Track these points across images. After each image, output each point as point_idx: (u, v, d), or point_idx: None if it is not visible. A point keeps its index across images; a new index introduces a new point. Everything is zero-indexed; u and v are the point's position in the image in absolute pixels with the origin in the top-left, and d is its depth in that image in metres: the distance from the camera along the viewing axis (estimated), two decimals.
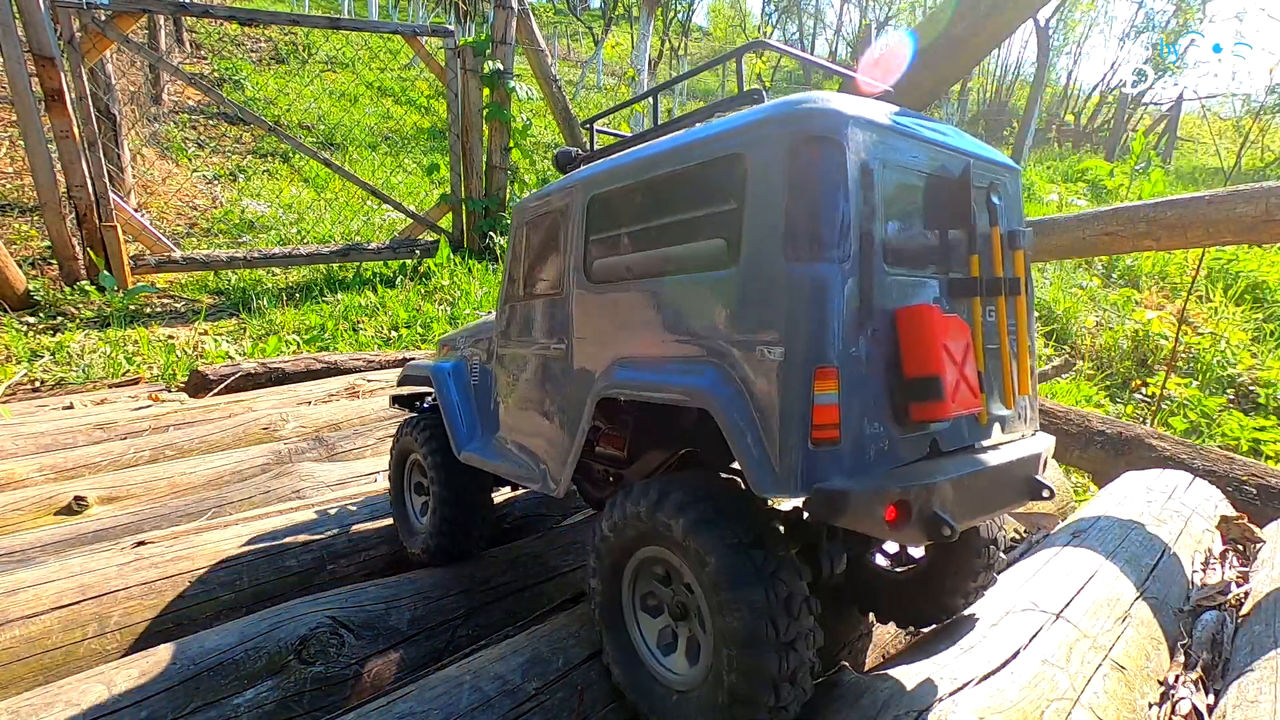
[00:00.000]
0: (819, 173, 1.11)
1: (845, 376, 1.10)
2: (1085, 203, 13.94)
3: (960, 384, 1.17)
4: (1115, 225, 3.07)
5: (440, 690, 1.40)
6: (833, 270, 1.10)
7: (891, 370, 1.16)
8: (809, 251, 1.10)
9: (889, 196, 1.19)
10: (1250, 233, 2.73)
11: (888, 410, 1.16)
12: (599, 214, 1.51)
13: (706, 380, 1.20)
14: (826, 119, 1.13)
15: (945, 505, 1.11)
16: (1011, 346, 1.37)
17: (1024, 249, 1.38)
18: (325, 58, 16.07)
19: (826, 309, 1.09)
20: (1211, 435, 5.25)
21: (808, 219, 1.10)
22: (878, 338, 1.15)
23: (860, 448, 1.12)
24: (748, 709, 1.15)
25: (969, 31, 3.52)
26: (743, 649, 1.13)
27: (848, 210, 1.11)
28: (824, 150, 1.11)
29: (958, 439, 1.27)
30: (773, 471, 1.12)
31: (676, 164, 1.32)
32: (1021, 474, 1.31)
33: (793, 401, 1.09)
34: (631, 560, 1.36)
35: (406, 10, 23.08)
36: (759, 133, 1.18)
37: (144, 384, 4.94)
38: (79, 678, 1.52)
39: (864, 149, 1.15)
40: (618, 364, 1.41)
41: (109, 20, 6.31)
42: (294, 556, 2.14)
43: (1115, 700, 1.40)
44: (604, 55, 25.03)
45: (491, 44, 7.78)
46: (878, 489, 1.08)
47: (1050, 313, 7.60)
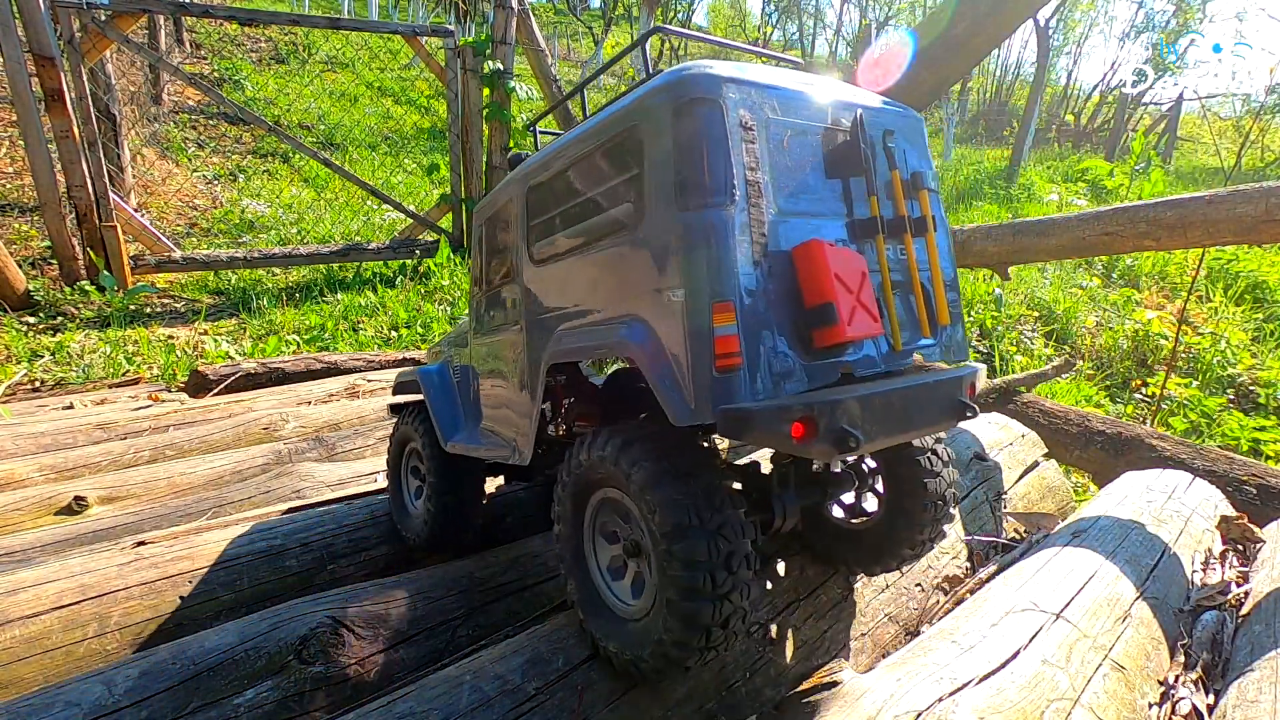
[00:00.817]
0: (700, 129, 1.21)
1: (743, 309, 1.19)
2: (1085, 203, 13.93)
3: (857, 309, 1.26)
4: (1115, 225, 3.07)
5: (440, 690, 1.40)
6: (721, 215, 1.20)
7: (795, 303, 1.26)
8: (698, 200, 1.21)
9: (781, 148, 1.30)
10: (1250, 233, 2.72)
11: (795, 339, 1.25)
12: (536, 202, 1.66)
13: (629, 332, 1.31)
14: (704, 82, 1.24)
15: (854, 421, 1.18)
16: (926, 280, 1.46)
17: (928, 189, 1.47)
18: (325, 58, 16.07)
19: (718, 250, 1.19)
20: (1211, 435, 5.25)
21: (694, 171, 1.21)
22: (776, 274, 1.24)
23: (767, 373, 1.21)
24: (679, 649, 1.27)
25: (969, 31, 3.52)
26: (681, 596, 1.23)
27: (730, 161, 1.22)
28: (704, 109, 1.22)
29: (872, 366, 1.36)
30: (685, 401, 1.21)
31: (589, 145, 1.45)
32: (944, 396, 1.37)
33: (696, 335, 1.19)
34: (594, 497, 1.47)
35: (406, 10, 23.07)
36: (649, 102, 1.29)
37: (144, 384, 4.94)
38: (79, 678, 1.52)
39: (743, 106, 1.26)
40: (561, 333, 1.54)
41: (109, 20, 6.31)
42: (294, 556, 2.14)
43: (1115, 700, 1.40)
44: (604, 55, 25.01)
45: (491, 44, 7.77)
46: (781, 406, 1.16)
47: (1050, 313, 7.60)
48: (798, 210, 1.30)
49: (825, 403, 1.15)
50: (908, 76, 3.76)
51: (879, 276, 1.38)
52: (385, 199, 8.05)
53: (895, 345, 1.38)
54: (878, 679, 1.36)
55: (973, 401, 1.42)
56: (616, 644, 1.40)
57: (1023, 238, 3.40)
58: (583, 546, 1.52)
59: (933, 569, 2.10)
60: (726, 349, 1.17)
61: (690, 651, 1.27)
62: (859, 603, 1.87)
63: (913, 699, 1.27)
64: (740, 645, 1.43)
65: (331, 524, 2.29)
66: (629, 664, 1.37)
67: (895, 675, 1.36)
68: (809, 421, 1.14)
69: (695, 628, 1.24)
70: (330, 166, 7.77)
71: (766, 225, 1.24)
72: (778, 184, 1.28)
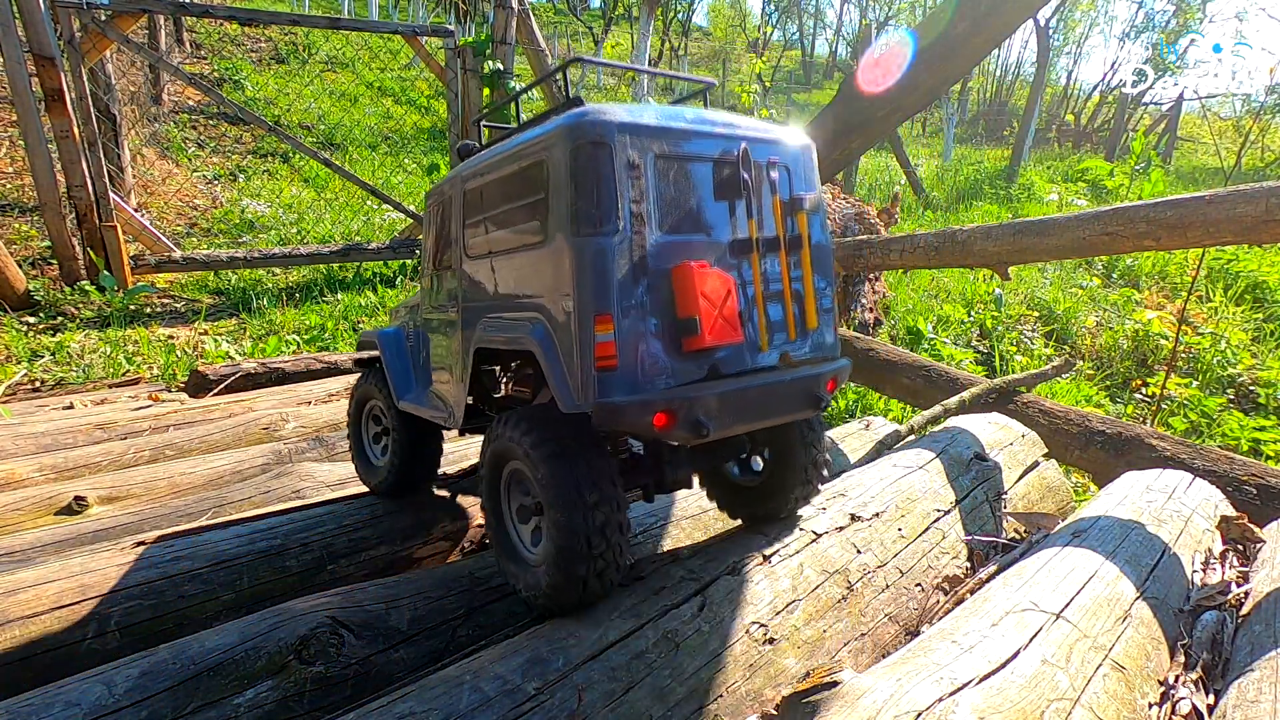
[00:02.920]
0: (591, 169, 1.40)
1: (620, 320, 1.41)
2: (1085, 203, 13.93)
3: (718, 322, 1.48)
4: (1115, 225, 3.07)
5: (440, 690, 1.40)
6: (605, 242, 1.40)
7: (671, 312, 1.48)
8: (587, 229, 1.40)
9: (666, 180, 1.49)
10: (1250, 233, 2.72)
11: (669, 343, 1.48)
12: (471, 202, 1.84)
13: (532, 330, 1.54)
14: (597, 128, 1.42)
15: (708, 413, 1.44)
16: (798, 290, 1.68)
17: (805, 211, 1.68)
18: (325, 58, 16.07)
19: (602, 270, 1.40)
20: (1211, 435, 5.25)
21: (585, 205, 1.40)
22: (655, 289, 1.46)
23: (640, 371, 1.44)
24: (561, 592, 1.55)
25: (969, 31, 3.52)
26: (561, 555, 1.49)
27: (616, 197, 1.41)
28: (596, 152, 1.41)
29: (739, 363, 1.57)
30: (571, 393, 1.45)
31: (510, 165, 1.65)
32: (800, 390, 1.61)
33: (581, 339, 1.41)
34: (506, 467, 1.72)
35: (406, 10, 23.08)
36: (552, 140, 1.48)
37: (144, 384, 4.94)
38: (79, 678, 1.52)
39: (632, 148, 1.44)
40: (484, 321, 1.75)
41: (109, 20, 6.31)
42: (294, 556, 2.14)
43: (1115, 700, 1.40)
44: (604, 55, 25.02)
45: (491, 44, 7.78)
46: (645, 401, 1.40)
47: (1050, 313, 7.60)
48: (680, 234, 1.51)
49: (682, 399, 1.41)
50: (908, 76, 3.76)
51: (753, 288, 1.59)
52: (385, 199, 8.05)
53: (762, 346, 1.60)
54: (878, 679, 1.36)
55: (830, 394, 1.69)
56: (524, 585, 1.66)
57: (1023, 238, 3.40)
58: (500, 505, 1.76)
59: (933, 569, 2.10)
60: (604, 353, 1.40)
61: (570, 597, 1.55)
62: (859, 603, 1.87)
63: (913, 699, 1.27)
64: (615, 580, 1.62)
65: (331, 524, 2.29)
66: (532, 600, 1.65)
67: (895, 675, 1.36)
68: (669, 414, 1.39)
69: (574, 579, 1.52)
70: (330, 166, 7.77)
71: (647, 249, 1.45)
72: (661, 213, 1.48)
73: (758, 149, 1.63)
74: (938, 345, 6.50)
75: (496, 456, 1.70)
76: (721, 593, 1.71)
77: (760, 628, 1.68)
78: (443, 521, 2.41)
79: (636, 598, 1.66)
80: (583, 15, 29.52)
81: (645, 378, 1.44)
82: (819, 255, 1.71)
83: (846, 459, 3.01)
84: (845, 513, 2.09)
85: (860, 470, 2.45)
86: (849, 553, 1.96)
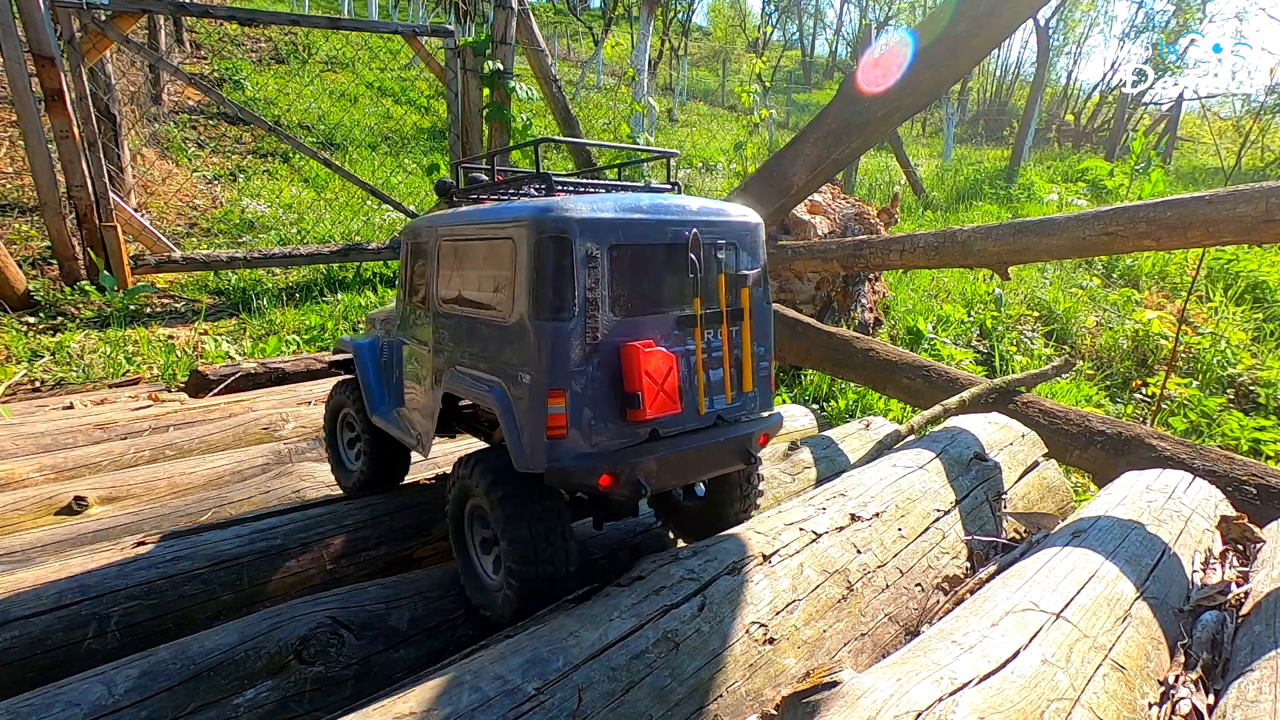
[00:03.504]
0: (553, 261, 1.55)
1: (571, 394, 1.57)
2: (1085, 203, 13.94)
3: (659, 396, 1.64)
4: (1115, 225, 3.07)
5: (440, 690, 1.39)
6: (563, 326, 1.55)
7: (617, 386, 1.63)
8: (544, 314, 1.56)
9: (621, 266, 1.63)
10: (1250, 233, 2.72)
11: (615, 411, 1.64)
12: (447, 254, 1.95)
13: (495, 393, 1.69)
14: (559, 223, 1.56)
15: (647, 476, 1.67)
16: (736, 357, 1.85)
17: (748, 287, 1.84)
18: (325, 58, 16.07)
19: (557, 351, 1.56)
20: (1211, 435, 5.25)
21: (544, 292, 1.56)
22: (606, 364, 1.62)
23: (587, 439, 1.62)
24: (520, 600, 1.72)
25: (969, 31, 3.52)
26: (517, 577, 1.70)
27: (573, 286, 1.56)
28: (556, 245, 1.55)
29: (678, 425, 1.75)
30: (525, 455, 1.62)
31: (481, 233, 1.80)
32: (734, 447, 1.83)
33: (535, 410, 1.58)
34: (467, 505, 1.90)
35: (406, 10, 23.07)
36: (518, 227, 1.62)
37: (144, 384, 4.94)
38: (79, 678, 1.52)
39: (590, 240, 1.57)
40: (454, 371, 1.88)
41: (109, 20, 6.31)
42: (294, 556, 2.14)
43: (1115, 700, 1.40)
44: (604, 55, 25.00)
45: (491, 44, 7.78)
46: (591, 467, 1.60)
47: (1050, 313, 7.61)
48: (631, 315, 1.66)
49: (624, 464, 1.62)
50: (908, 76, 3.76)
51: (694, 358, 1.76)
52: (385, 199, 8.05)
53: (700, 410, 1.78)
54: (878, 679, 1.36)
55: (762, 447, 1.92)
56: (482, 603, 1.85)
57: (1023, 238, 3.40)
58: (464, 535, 1.94)
59: (933, 569, 2.10)
60: (556, 423, 1.56)
61: (525, 611, 1.72)
62: (859, 603, 1.87)
63: (913, 699, 1.27)
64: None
65: (331, 524, 2.29)
66: (490, 618, 1.82)
67: (895, 675, 1.36)
68: (612, 476, 1.61)
69: (529, 585, 1.71)
70: (330, 166, 7.77)
71: (600, 330, 1.60)
72: (614, 297, 1.63)
73: (707, 232, 1.78)
74: (938, 345, 6.50)
75: (460, 493, 1.88)
76: (721, 593, 1.71)
77: (760, 628, 1.68)
78: (443, 522, 2.41)
79: (636, 598, 1.66)
80: (583, 15, 29.51)
81: (592, 444, 1.62)
82: (759, 322, 1.89)
83: (846, 459, 3.01)
84: (845, 513, 2.09)
85: (860, 470, 2.45)
86: (849, 553, 1.96)
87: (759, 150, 13.03)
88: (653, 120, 16.23)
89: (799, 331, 4.36)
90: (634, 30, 22.69)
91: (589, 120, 17.38)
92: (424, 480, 2.73)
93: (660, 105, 21.28)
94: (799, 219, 6.28)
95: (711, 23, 43.84)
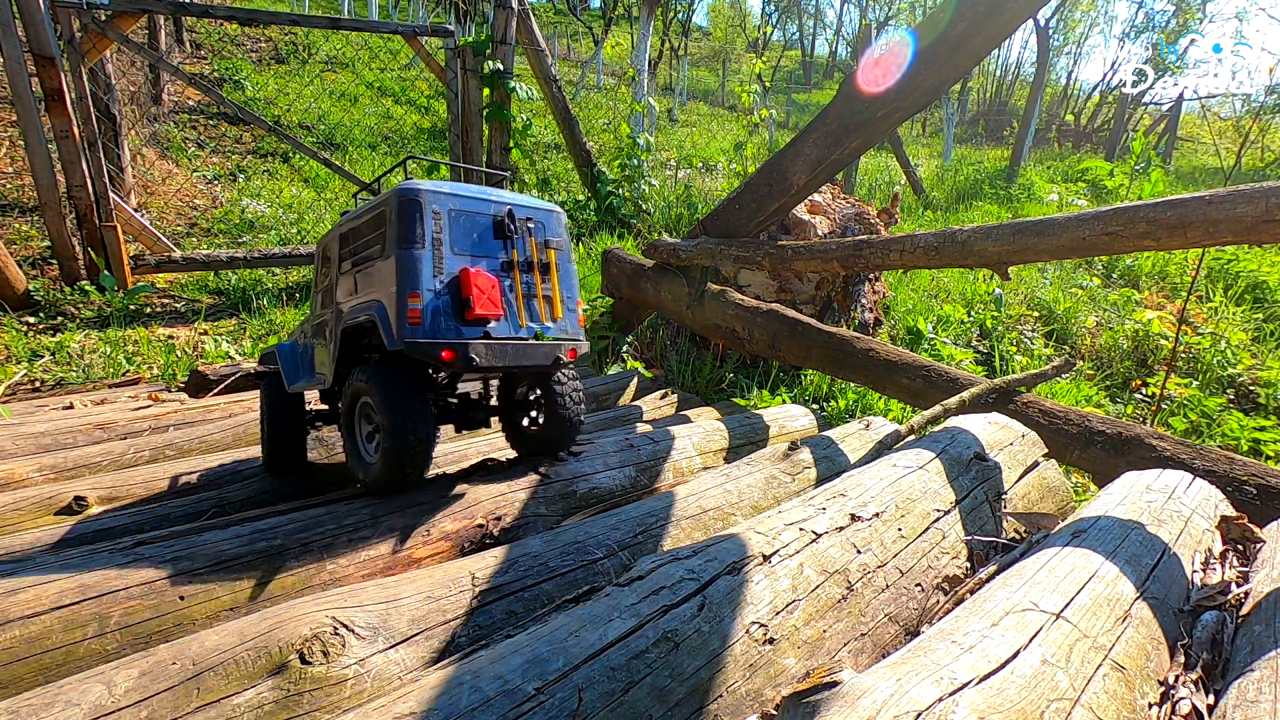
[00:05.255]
0: (409, 213, 2.25)
1: (425, 297, 2.21)
2: (1085, 203, 13.94)
3: (484, 300, 2.28)
4: (1115, 225, 3.06)
5: (440, 690, 1.39)
6: (415, 253, 2.23)
7: (459, 297, 2.28)
8: (404, 246, 2.23)
9: (458, 223, 2.34)
10: (1250, 233, 2.71)
11: (457, 314, 2.27)
12: (344, 238, 2.66)
13: (376, 309, 2.28)
14: (412, 191, 2.26)
15: (477, 353, 2.24)
16: (547, 294, 2.53)
17: (553, 249, 2.57)
18: (325, 58, 16.07)
19: (415, 268, 2.22)
20: (1211, 435, 5.25)
21: (405, 231, 2.24)
22: (450, 283, 2.28)
23: (436, 327, 2.21)
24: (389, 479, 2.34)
25: (969, 31, 3.51)
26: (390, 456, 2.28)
27: (422, 229, 2.25)
28: (411, 204, 2.25)
29: (505, 332, 2.37)
30: (394, 336, 2.19)
31: (366, 215, 2.47)
32: (545, 351, 2.45)
33: (400, 305, 2.19)
34: (358, 404, 2.47)
35: (406, 10, 23.07)
36: (388, 198, 2.30)
37: (144, 384, 4.94)
38: (79, 678, 1.52)
39: (434, 204, 2.28)
40: (348, 309, 2.50)
41: (109, 20, 6.31)
42: (294, 556, 2.14)
43: (1115, 700, 1.40)
44: (604, 55, 25.02)
45: (491, 44, 7.78)
46: (437, 342, 2.19)
47: (1050, 313, 7.60)
48: (467, 255, 2.35)
49: (460, 341, 2.23)
50: (908, 76, 3.75)
51: (514, 290, 2.43)
52: None
53: (521, 324, 2.43)
54: (878, 679, 1.36)
55: (571, 360, 2.55)
56: (365, 476, 2.44)
57: (1023, 238, 3.39)
58: (354, 427, 2.52)
59: (933, 569, 2.10)
60: (414, 315, 2.18)
61: (394, 482, 2.35)
62: (859, 603, 1.87)
63: (913, 699, 1.27)
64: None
65: (331, 524, 2.29)
66: (369, 487, 2.43)
67: (895, 675, 1.36)
68: (451, 350, 2.20)
69: (396, 471, 2.31)
70: (330, 166, 7.77)
71: (444, 260, 2.28)
72: (454, 242, 2.32)
73: (520, 211, 2.50)
74: (938, 345, 6.50)
75: (353, 394, 2.45)
76: (721, 593, 1.71)
77: (760, 628, 1.68)
78: (443, 521, 2.41)
79: (636, 597, 1.66)
80: (583, 15, 29.50)
81: (440, 331, 2.23)
82: (564, 275, 2.61)
83: (846, 459, 3.01)
84: (845, 513, 2.09)
85: (860, 470, 2.45)
86: (849, 553, 1.96)
87: (759, 150, 13.02)
88: (653, 120, 16.22)
89: (799, 331, 4.36)
90: (634, 30, 22.70)
91: (589, 120, 17.38)
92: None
93: (660, 105, 21.27)
94: (799, 219, 6.27)
95: (711, 23, 43.83)
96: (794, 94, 31.89)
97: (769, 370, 5.80)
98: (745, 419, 3.79)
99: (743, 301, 4.78)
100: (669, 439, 3.23)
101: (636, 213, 9.97)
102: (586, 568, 2.21)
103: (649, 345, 6.39)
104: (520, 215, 2.50)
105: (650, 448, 3.10)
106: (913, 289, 7.96)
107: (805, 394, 5.57)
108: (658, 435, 3.23)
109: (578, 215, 9.93)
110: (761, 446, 3.54)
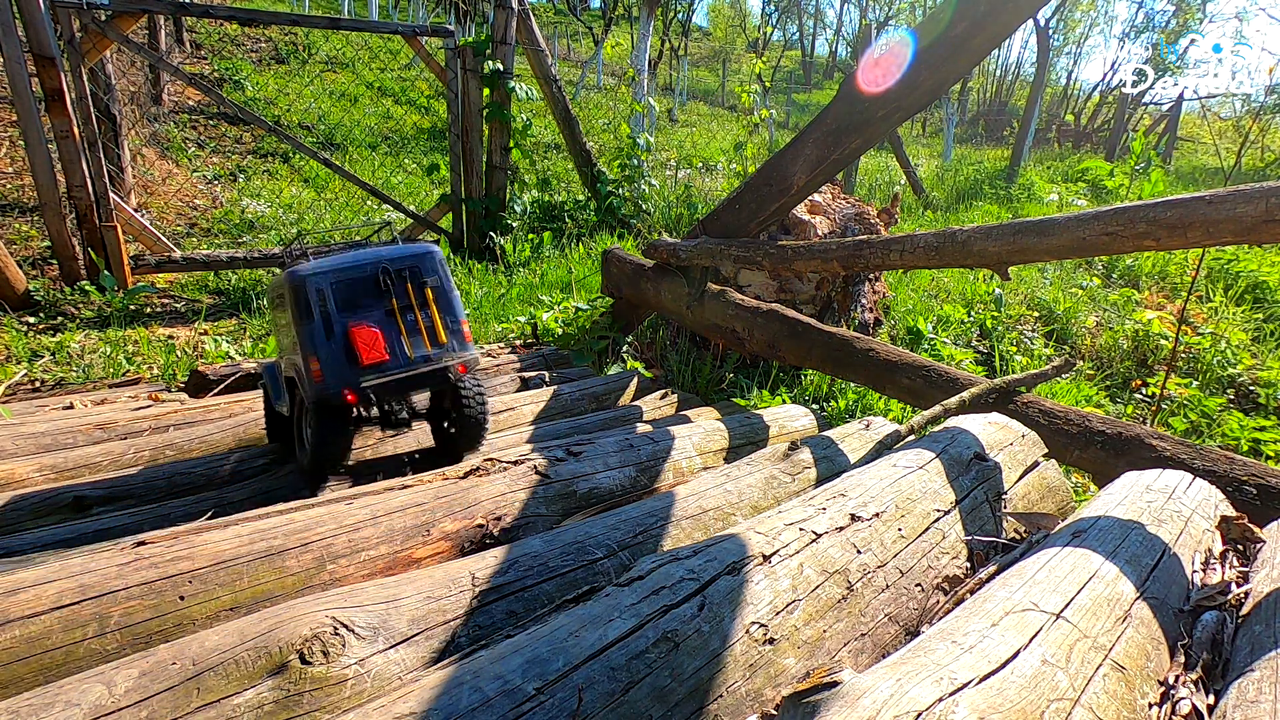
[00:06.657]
0: (300, 295, 2.61)
1: (321, 357, 2.57)
2: (1085, 203, 13.95)
3: (371, 351, 2.64)
4: (1115, 225, 3.06)
5: (440, 690, 1.39)
6: (310, 326, 2.60)
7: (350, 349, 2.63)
8: (303, 321, 2.61)
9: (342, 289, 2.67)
10: (1250, 233, 2.71)
11: (350, 364, 2.62)
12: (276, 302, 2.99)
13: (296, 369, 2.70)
14: (298, 277, 2.62)
15: (375, 391, 2.63)
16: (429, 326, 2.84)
17: (428, 286, 2.86)
18: (325, 58, 16.07)
19: (311, 338, 2.59)
20: (1211, 435, 5.25)
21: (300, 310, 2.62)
22: (341, 340, 2.63)
23: (336, 379, 2.58)
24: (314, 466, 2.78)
25: (969, 32, 3.51)
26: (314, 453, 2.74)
27: (310, 304, 2.60)
28: (300, 289, 2.62)
29: (396, 368, 2.71)
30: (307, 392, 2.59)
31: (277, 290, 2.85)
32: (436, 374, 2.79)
33: (307, 368, 2.59)
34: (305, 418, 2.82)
35: (406, 10, 23.07)
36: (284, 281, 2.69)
37: (144, 384, 4.94)
38: (79, 678, 1.52)
39: (319, 282, 2.62)
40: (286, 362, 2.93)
41: (109, 20, 6.31)
42: (294, 556, 2.14)
43: (1115, 700, 1.40)
44: (604, 55, 25.02)
45: (491, 44, 7.78)
46: (340, 390, 2.57)
47: (1050, 313, 7.61)
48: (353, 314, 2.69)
49: (358, 386, 2.59)
50: (908, 76, 3.75)
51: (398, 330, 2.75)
52: (385, 199, 8.05)
53: (410, 356, 2.77)
54: (878, 679, 1.36)
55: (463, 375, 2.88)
56: (301, 460, 2.85)
57: (1023, 238, 3.39)
58: (301, 425, 2.88)
59: (933, 569, 2.10)
60: (317, 373, 2.56)
61: (318, 473, 2.83)
62: (859, 603, 1.87)
63: (913, 699, 1.27)
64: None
65: (331, 524, 2.28)
66: (300, 469, 2.88)
67: (895, 675, 1.36)
68: (354, 392, 2.58)
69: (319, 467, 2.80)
70: (330, 166, 7.77)
71: (334, 323, 2.62)
72: (339, 306, 2.65)
73: (394, 264, 2.82)
74: (938, 345, 6.50)
75: (300, 406, 2.87)
76: (721, 593, 1.71)
77: (760, 628, 1.68)
78: (443, 521, 2.41)
79: (636, 597, 1.66)
80: (583, 15, 29.49)
81: (342, 380, 2.60)
82: (445, 304, 2.90)
83: (846, 459, 3.01)
84: (845, 513, 2.09)
85: (860, 470, 2.45)
86: (849, 553, 1.96)
87: (759, 150, 13.02)
88: (653, 120, 16.22)
89: (799, 332, 4.36)
90: (634, 30, 22.69)
91: (589, 120, 17.38)
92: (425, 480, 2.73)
93: (660, 105, 21.26)
94: (799, 219, 6.28)
95: (711, 23, 43.83)
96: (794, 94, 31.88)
97: (769, 370, 5.81)
98: (745, 419, 3.78)
99: (743, 301, 4.78)
100: (669, 439, 3.23)
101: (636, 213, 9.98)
102: (587, 568, 2.21)
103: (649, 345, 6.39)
104: (395, 268, 2.86)
105: (650, 448, 3.10)
106: (913, 289, 7.97)
107: (805, 394, 5.57)
108: (658, 435, 3.23)
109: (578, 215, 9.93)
110: (761, 446, 3.54)
